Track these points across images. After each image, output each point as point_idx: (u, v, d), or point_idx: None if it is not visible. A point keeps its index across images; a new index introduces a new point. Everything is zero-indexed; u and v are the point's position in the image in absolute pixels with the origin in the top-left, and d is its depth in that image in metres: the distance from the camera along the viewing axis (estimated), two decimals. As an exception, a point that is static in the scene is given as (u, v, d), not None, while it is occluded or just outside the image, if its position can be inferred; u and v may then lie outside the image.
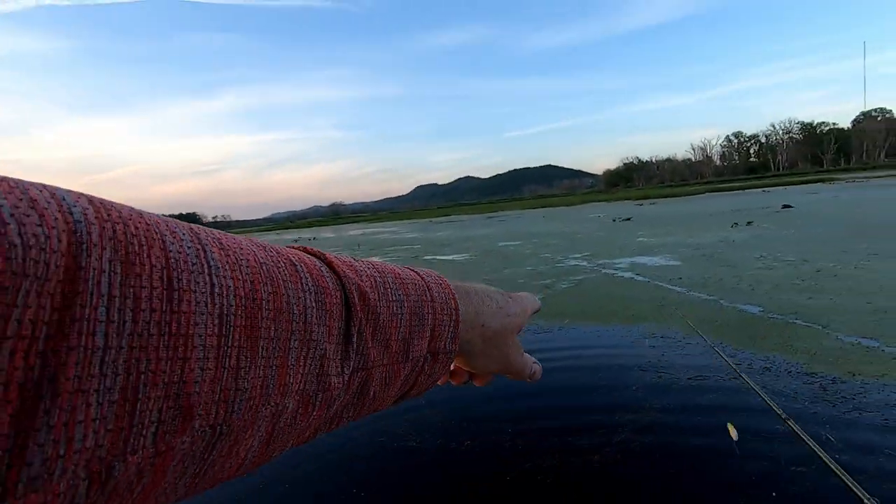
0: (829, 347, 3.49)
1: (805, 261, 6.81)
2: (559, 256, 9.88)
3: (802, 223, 11.63)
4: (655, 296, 5.57)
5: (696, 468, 2.19)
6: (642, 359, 3.60)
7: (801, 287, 5.30)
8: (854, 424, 2.43)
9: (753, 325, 4.17)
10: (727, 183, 58.79)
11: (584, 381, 3.28)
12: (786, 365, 3.25)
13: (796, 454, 2.21)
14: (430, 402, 3.21)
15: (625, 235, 12.77)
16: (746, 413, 2.64)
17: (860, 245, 7.64)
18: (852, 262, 6.41)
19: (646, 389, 3.06)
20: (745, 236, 10.18)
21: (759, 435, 2.40)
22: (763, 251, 7.98)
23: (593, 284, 6.61)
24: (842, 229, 9.75)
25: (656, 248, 9.57)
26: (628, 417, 2.71)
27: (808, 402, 2.69)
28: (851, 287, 5.08)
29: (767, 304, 4.77)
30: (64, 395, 0.16)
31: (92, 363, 0.16)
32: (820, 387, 2.88)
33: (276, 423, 0.25)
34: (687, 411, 2.73)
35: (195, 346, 0.19)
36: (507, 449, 2.51)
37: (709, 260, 7.63)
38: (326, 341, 0.27)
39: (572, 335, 4.40)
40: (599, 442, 2.47)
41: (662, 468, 2.22)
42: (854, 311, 4.24)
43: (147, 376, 0.18)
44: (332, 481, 2.40)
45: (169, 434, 0.19)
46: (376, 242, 20.42)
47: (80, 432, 0.16)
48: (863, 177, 43.70)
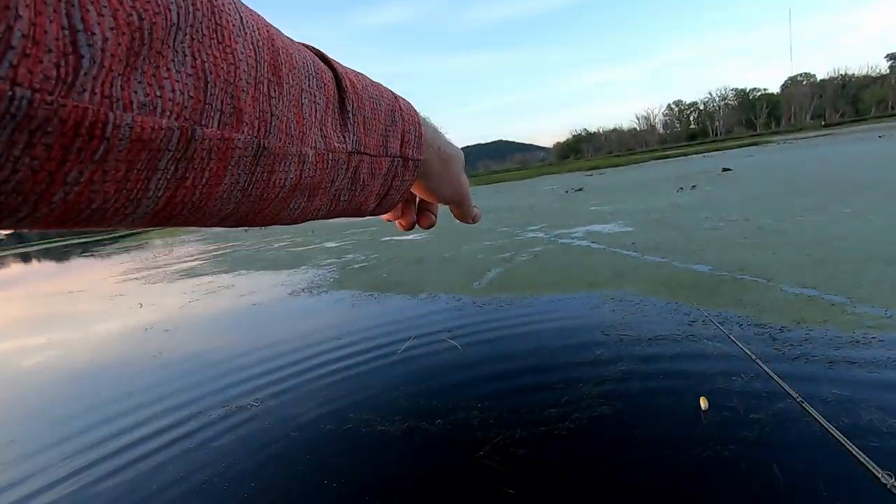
0: (774, 299, 3.66)
1: (747, 219, 7.15)
2: (517, 230, 9.95)
3: (742, 184, 12.22)
4: (611, 262, 5.69)
5: (665, 426, 2.24)
6: (604, 324, 3.66)
7: (745, 244, 5.56)
8: (803, 368, 2.56)
9: (705, 283, 4.32)
10: (671, 150, 61.17)
11: (549, 351, 3.29)
12: (738, 318, 3.38)
13: (759, 391, 2.30)
14: (394, 386, 3.14)
15: (578, 205, 13.02)
16: (704, 360, 2.73)
17: (795, 201, 8.10)
18: (789, 217, 6.78)
19: (609, 352, 3.10)
20: (691, 200, 10.59)
21: (728, 379, 2.49)
22: (708, 213, 8.32)
23: (552, 255, 6.68)
24: (777, 188, 10.31)
25: (609, 216, 9.80)
26: (593, 382, 2.74)
27: (760, 352, 2.80)
28: (790, 241, 5.36)
29: (716, 262, 4.96)
30: (152, 52, 0.19)
31: (168, 34, 0.20)
32: (769, 336, 3.01)
33: (303, 169, 0.30)
34: (650, 370, 2.79)
35: (239, 59, 0.23)
36: (477, 425, 2.48)
37: (659, 224, 7.89)
38: (326, 110, 0.31)
39: (535, 305, 4.43)
40: (566, 410, 2.48)
41: (630, 431, 2.26)
42: (794, 264, 4.48)
43: (209, 65, 0.22)
44: (298, 473, 2.30)
45: (229, 126, 0.23)
46: (330, 227, 19.92)
47: (168, 87, 0.20)
48: (792, 138, 46.57)
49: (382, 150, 0.36)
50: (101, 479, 2.57)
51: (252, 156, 0.25)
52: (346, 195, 0.36)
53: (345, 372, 3.55)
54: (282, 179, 0.28)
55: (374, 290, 6.10)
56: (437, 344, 3.81)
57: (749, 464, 1.90)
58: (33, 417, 3.71)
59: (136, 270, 14.27)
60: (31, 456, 3.00)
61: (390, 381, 3.25)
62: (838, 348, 2.72)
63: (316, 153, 0.30)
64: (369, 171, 0.36)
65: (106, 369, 4.60)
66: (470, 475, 2.08)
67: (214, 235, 29.69)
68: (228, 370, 3.99)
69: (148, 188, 0.22)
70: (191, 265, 13.27)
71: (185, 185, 0.23)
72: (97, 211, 0.21)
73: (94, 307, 8.57)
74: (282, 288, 7.39)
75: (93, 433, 3.17)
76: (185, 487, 2.35)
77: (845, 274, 3.95)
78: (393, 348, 3.85)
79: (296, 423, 2.83)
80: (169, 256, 18.03)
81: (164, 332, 5.63)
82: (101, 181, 0.19)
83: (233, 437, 2.81)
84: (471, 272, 6.34)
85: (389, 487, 2.10)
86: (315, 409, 2.99)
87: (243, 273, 9.86)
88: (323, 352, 4.09)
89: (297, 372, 3.71)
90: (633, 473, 1.97)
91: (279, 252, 13.02)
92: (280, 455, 2.50)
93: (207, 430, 2.93)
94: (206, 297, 7.59)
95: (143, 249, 26.74)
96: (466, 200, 0.50)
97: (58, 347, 5.81)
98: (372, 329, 4.50)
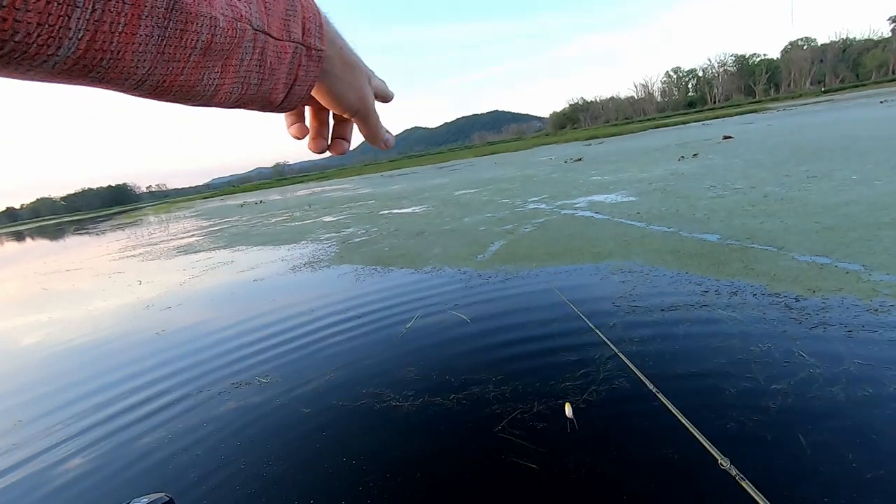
0: (786, 267, 3.61)
1: (752, 187, 7.06)
2: (518, 201, 9.83)
3: (744, 151, 12.07)
4: (617, 232, 5.62)
5: (680, 397, 2.21)
6: (614, 295, 3.61)
7: (752, 212, 5.48)
8: (821, 338, 2.52)
9: (714, 252, 4.27)
10: (669, 118, 60.33)
11: (562, 322, 3.25)
12: (750, 288, 3.34)
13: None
14: (405, 360, 3.11)
15: (578, 175, 12.86)
16: (721, 338, 2.70)
17: (799, 168, 8.00)
18: (795, 185, 6.70)
19: (623, 324, 3.07)
20: (694, 168, 10.46)
21: (759, 344, 2.45)
22: (712, 181, 8.21)
23: (555, 226, 6.60)
24: (780, 155, 10.18)
25: (611, 186, 9.68)
26: (609, 354, 2.70)
27: (776, 322, 2.77)
28: (797, 209, 5.29)
29: (724, 231, 4.90)
30: None
31: None
32: (785, 305, 2.97)
33: (214, 33, 0.30)
34: (665, 341, 2.75)
35: None
36: (493, 399, 2.45)
37: (663, 193, 7.79)
38: None
39: (542, 277, 4.37)
40: (583, 383, 2.45)
41: (647, 399, 2.23)
42: (803, 232, 4.42)
43: None
44: (316, 451, 2.27)
45: None
46: (328, 201, 19.72)
47: None
48: (791, 105, 45.91)
49: (285, 35, 0.37)
50: (102, 455, 2.54)
51: (164, 7, 0.26)
52: (255, 78, 0.36)
53: (353, 347, 3.51)
54: (193, 40, 0.29)
55: (377, 264, 6.03)
56: (444, 317, 3.77)
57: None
58: (37, 394, 3.67)
59: (132, 247, 14.13)
60: (31, 425, 2.97)
61: (400, 355, 3.21)
62: (856, 316, 2.68)
63: (225, 19, 0.31)
64: (276, 55, 0.37)
65: (108, 347, 4.55)
66: (491, 450, 2.05)
67: (209, 211, 29.40)
68: (234, 347, 3.95)
69: (69, 26, 0.23)
70: (188, 241, 13.14)
71: (103, 29, 0.24)
72: (20, 45, 0.22)
73: (93, 285, 8.48)
74: (282, 263, 7.31)
75: (97, 411, 3.14)
76: (195, 464, 2.32)
77: (857, 241, 3.90)
78: (400, 323, 3.81)
79: (307, 400, 2.80)
80: (165, 233, 17.85)
81: (165, 310, 5.57)
82: (23, 9, 0.21)
83: (243, 414, 2.78)
84: (474, 244, 6.27)
85: (410, 463, 2.07)
86: (326, 385, 2.96)
87: (242, 248, 9.76)
88: (328, 326, 4.04)
89: (304, 347, 3.67)
90: (653, 446, 1.95)
91: (276, 227, 12.88)
92: (294, 433, 2.47)
93: (216, 407, 2.90)
94: (206, 274, 7.51)
95: (138, 226, 26.49)
96: (373, 115, 0.49)
97: (58, 325, 5.75)
98: (378, 303, 4.45)
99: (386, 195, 17.63)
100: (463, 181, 18.06)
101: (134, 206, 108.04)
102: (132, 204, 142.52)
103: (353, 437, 2.35)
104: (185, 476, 2.27)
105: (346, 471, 2.10)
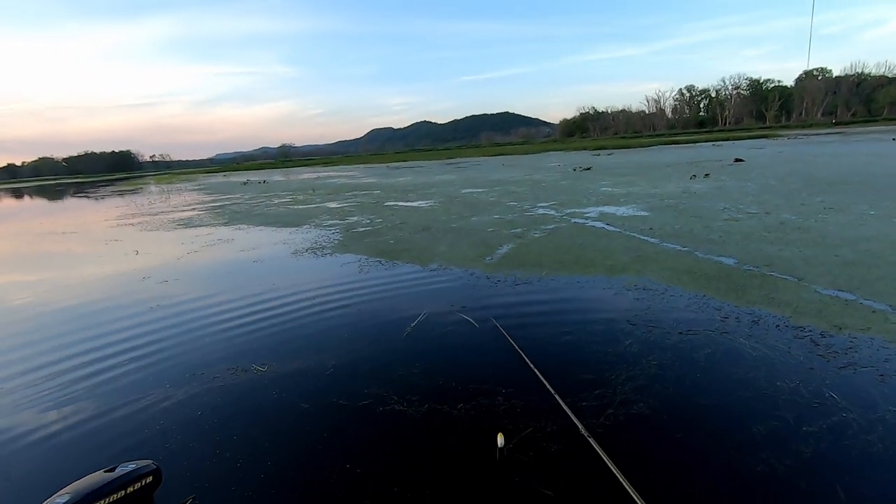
0: (809, 300, 3.49)
1: (767, 213, 6.94)
2: (526, 205, 9.69)
3: (756, 176, 11.95)
4: (630, 246, 5.49)
5: (706, 429, 2.08)
6: (630, 312, 3.49)
7: (769, 239, 5.36)
8: (852, 381, 2.40)
9: (732, 276, 4.15)
10: (679, 136, 60.13)
11: (575, 337, 3.12)
12: (773, 318, 3.21)
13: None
14: (408, 361, 2.97)
15: (588, 184, 12.73)
16: (745, 369, 2.57)
17: (814, 199, 7.88)
18: (811, 214, 6.58)
19: (639, 344, 2.94)
20: (706, 188, 10.34)
21: (786, 380, 2.33)
22: (726, 203, 8.09)
23: (566, 234, 6.47)
24: (794, 183, 10.07)
25: (622, 198, 9.55)
26: (625, 377, 2.57)
27: (803, 358, 2.65)
28: (816, 240, 5.17)
29: (741, 255, 4.78)
30: None
31: None
32: (811, 341, 2.85)
33: None
34: (684, 369, 2.62)
35: None
36: (503, 413, 2.32)
37: (675, 211, 7.66)
38: None
39: (553, 286, 4.24)
40: (599, 406, 2.32)
41: (670, 430, 2.10)
42: (824, 263, 4.30)
43: None
44: (315, 452, 2.14)
45: None
46: (333, 187, 19.52)
47: None
48: (802, 133, 45.82)
49: None
50: (89, 420, 2.40)
51: None
52: None
53: (355, 341, 3.37)
54: None
55: (382, 257, 5.89)
56: (450, 318, 3.64)
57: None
58: (23, 354, 3.52)
59: (131, 216, 13.92)
60: (13, 381, 2.82)
61: (404, 356, 3.07)
62: (887, 360, 2.56)
63: None
64: None
65: (101, 316, 4.39)
66: (500, 468, 1.92)
67: (212, 186, 29.12)
68: (231, 328, 3.81)
69: None
70: (188, 215, 12.95)
71: None
72: None
73: (89, 250, 8.31)
74: (283, 246, 7.15)
75: (86, 378, 2.99)
76: (184, 453, 2.18)
77: (882, 279, 3.78)
78: (404, 319, 3.67)
79: (306, 394, 2.66)
80: (165, 204, 17.63)
81: (162, 283, 5.42)
82: None
83: (237, 403, 2.64)
84: (481, 245, 6.13)
85: (411, 475, 1.93)
86: (326, 380, 2.82)
87: (243, 228, 9.59)
88: (329, 316, 3.91)
89: (304, 336, 3.53)
90: (681, 483, 1.82)
91: (279, 209, 12.70)
92: (292, 430, 2.33)
93: (210, 395, 2.76)
94: (206, 250, 7.35)
95: (138, 194, 26.20)
96: None
97: (49, 286, 5.58)
98: (382, 298, 4.31)
99: (392, 186, 17.45)
100: (470, 180, 17.90)
101: (136, 174, 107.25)
102: (134, 171, 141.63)
103: (355, 441, 2.21)
104: (170, 448, 2.13)
105: (346, 477, 1.96)
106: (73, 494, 0.73)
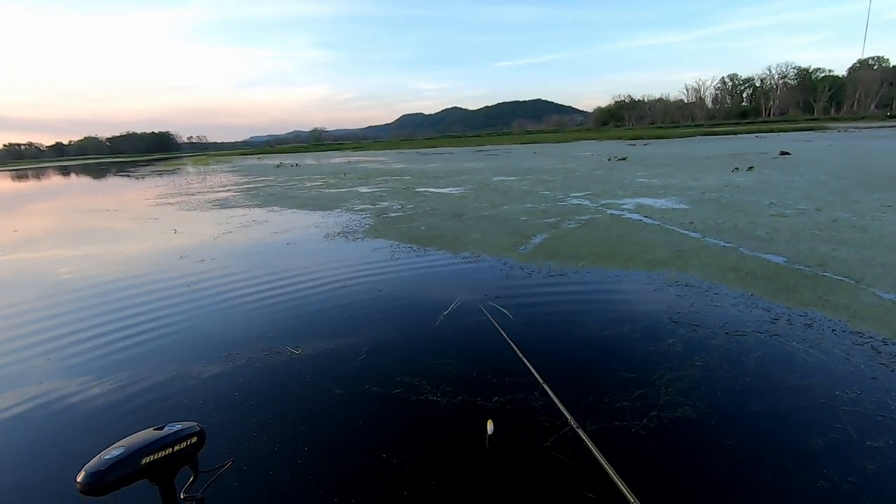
0: (868, 304, 3.27)
1: (818, 209, 6.57)
2: (559, 194, 9.48)
3: (805, 170, 11.35)
4: (669, 240, 5.29)
5: (759, 437, 1.96)
6: (672, 309, 3.34)
7: (821, 237, 5.07)
8: (920, 393, 2.22)
9: (781, 276, 3.93)
10: (719, 127, 57.72)
11: (615, 333, 3.01)
12: (828, 322, 3.02)
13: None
14: (441, 350, 2.93)
15: (624, 175, 12.36)
16: (799, 375, 2.42)
17: (871, 196, 7.42)
18: (867, 213, 6.19)
19: (683, 343, 2.81)
20: (750, 181, 9.88)
21: (845, 389, 2.18)
22: (772, 198, 7.71)
23: (602, 225, 6.29)
24: (847, 179, 9.51)
25: (660, 190, 9.23)
26: (670, 376, 2.46)
27: (863, 366, 2.47)
28: (874, 240, 4.86)
29: (791, 254, 4.53)
30: None
31: None
32: (872, 348, 2.66)
33: None
34: (735, 370, 2.49)
35: None
36: (540, 410, 2.25)
37: (717, 204, 7.35)
38: None
39: (589, 279, 4.12)
40: (643, 405, 2.23)
41: (720, 437, 1.99)
42: (885, 265, 4.03)
43: None
44: (348, 438, 2.12)
45: None
46: (364, 172, 19.59)
47: None
48: (853, 126, 43.27)
49: None
50: (136, 383, 2.46)
51: None
52: None
53: (387, 327, 3.35)
54: None
55: (414, 243, 5.86)
56: (484, 307, 3.57)
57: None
58: (69, 322, 3.64)
59: (170, 195, 14.32)
60: (62, 351, 2.92)
61: (437, 344, 3.03)
62: (960, 373, 2.37)
63: None
64: None
65: (140, 290, 4.51)
66: (539, 465, 1.86)
67: (246, 168, 29.70)
68: (265, 309, 3.85)
69: None
70: (224, 195, 13.22)
71: None
72: None
73: (130, 227, 8.58)
74: (316, 229, 7.21)
75: (129, 347, 3.07)
76: (221, 426, 2.21)
77: (950, 285, 3.51)
78: (437, 308, 3.63)
79: (338, 379, 2.65)
80: (202, 185, 18.07)
81: (198, 262, 5.53)
82: None
83: (272, 384, 2.66)
84: (515, 234, 6.02)
85: (447, 468, 1.89)
86: (359, 365, 2.81)
87: (276, 210, 9.72)
88: (363, 301, 3.90)
89: (337, 321, 3.53)
90: (735, 494, 1.72)
91: (311, 192, 12.83)
92: (327, 415, 2.32)
93: (246, 373, 2.79)
94: (241, 231, 7.48)
95: (176, 175, 26.97)
96: None
97: (94, 261, 5.78)
98: (414, 285, 4.28)
99: (422, 172, 17.39)
100: (501, 167, 17.67)
101: (174, 155, 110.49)
102: (173, 152, 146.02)
103: (388, 429, 2.19)
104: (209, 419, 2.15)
105: (381, 466, 1.94)
106: (127, 448, 0.79)
